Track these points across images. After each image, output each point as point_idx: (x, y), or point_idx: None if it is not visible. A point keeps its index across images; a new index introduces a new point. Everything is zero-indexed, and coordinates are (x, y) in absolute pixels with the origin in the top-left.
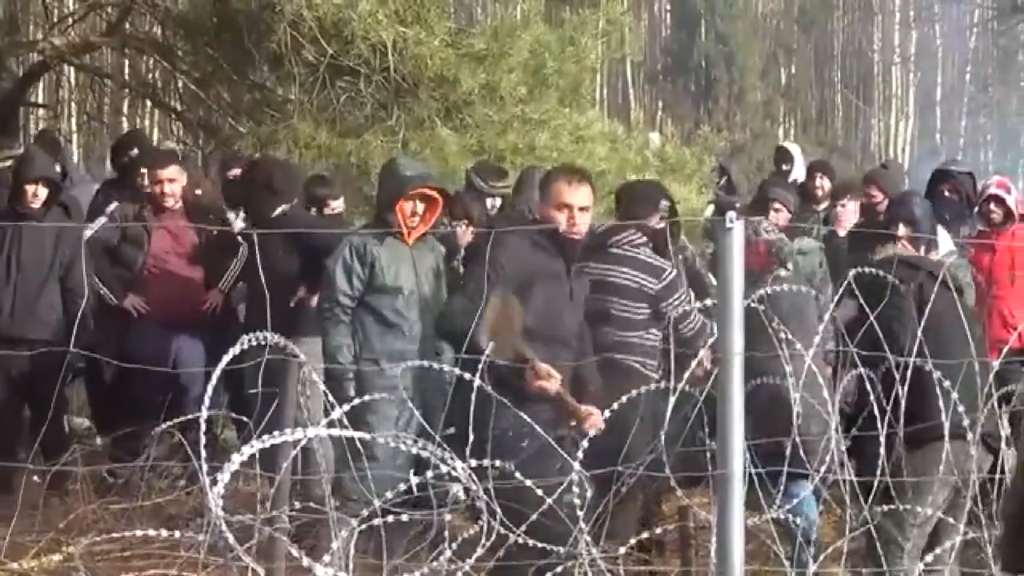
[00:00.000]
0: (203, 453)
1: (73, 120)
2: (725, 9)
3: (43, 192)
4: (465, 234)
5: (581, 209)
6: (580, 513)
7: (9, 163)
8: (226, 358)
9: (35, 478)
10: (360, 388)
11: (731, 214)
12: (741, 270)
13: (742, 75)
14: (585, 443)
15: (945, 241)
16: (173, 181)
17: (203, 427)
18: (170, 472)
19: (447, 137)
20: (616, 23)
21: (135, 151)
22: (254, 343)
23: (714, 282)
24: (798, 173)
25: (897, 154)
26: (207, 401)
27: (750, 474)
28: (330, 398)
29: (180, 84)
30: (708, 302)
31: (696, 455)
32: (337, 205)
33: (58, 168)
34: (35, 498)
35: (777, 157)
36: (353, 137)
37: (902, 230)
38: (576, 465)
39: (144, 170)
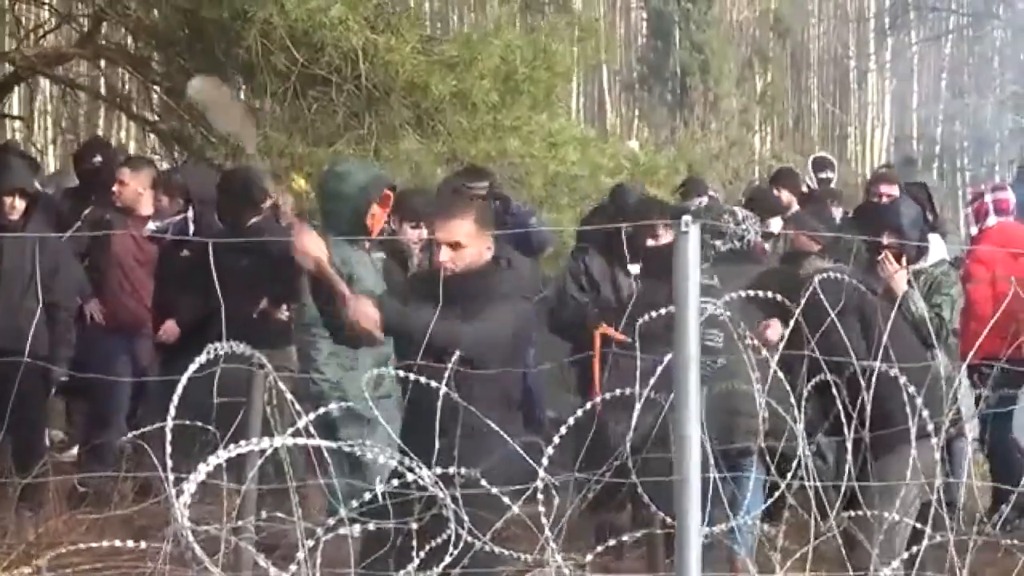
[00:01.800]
0: (168, 463)
1: (48, 132)
2: (700, 17)
3: (20, 203)
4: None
5: (450, 245)
6: (546, 521)
7: None
8: (192, 367)
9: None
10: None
11: (686, 218)
12: (697, 274)
13: (717, 83)
14: (550, 450)
15: (937, 249)
16: (124, 184)
17: (168, 436)
18: (144, 482)
19: (418, 145)
20: (589, 30)
21: (98, 158)
22: (220, 353)
23: None
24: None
25: (874, 160)
26: (172, 411)
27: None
28: (296, 407)
29: (153, 95)
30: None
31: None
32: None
33: None
34: (8, 511)
35: (816, 165)
36: (325, 146)
37: (886, 238)
38: (541, 472)
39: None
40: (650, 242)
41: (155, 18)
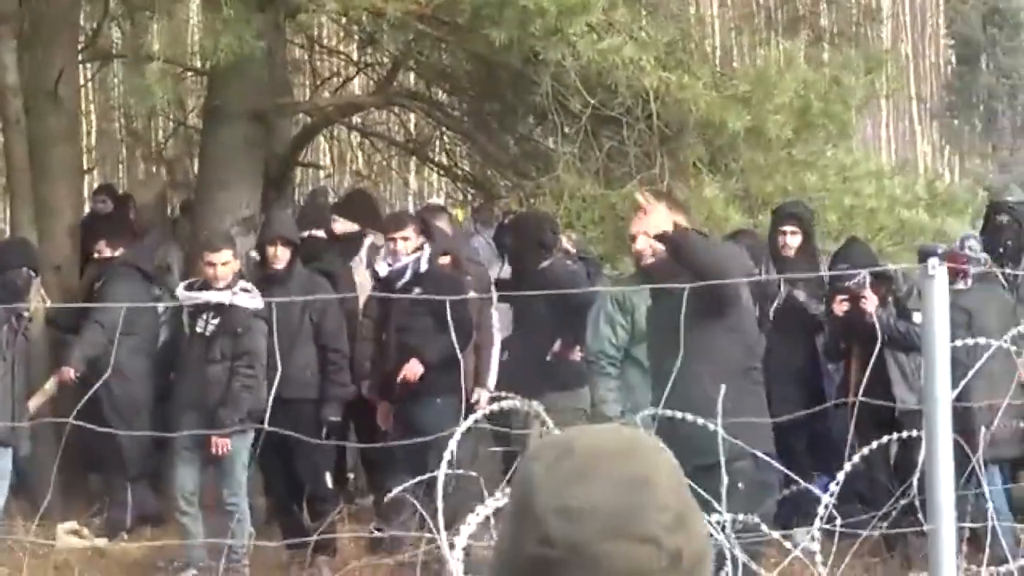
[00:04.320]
0: (441, 519)
1: (345, 179)
2: (1007, 43)
3: (284, 252)
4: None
5: (647, 233)
6: (819, 558)
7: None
8: (471, 419)
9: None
10: None
11: (933, 260)
12: (946, 316)
13: None
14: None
15: None
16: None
17: (440, 490)
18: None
19: (711, 183)
20: (878, 62)
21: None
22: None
23: None
24: None
25: None
26: (444, 464)
27: None
28: None
29: (446, 140)
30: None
31: None
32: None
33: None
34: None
35: None
36: (618, 187)
37: None
38: (818, 522)
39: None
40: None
41: (448, 64)
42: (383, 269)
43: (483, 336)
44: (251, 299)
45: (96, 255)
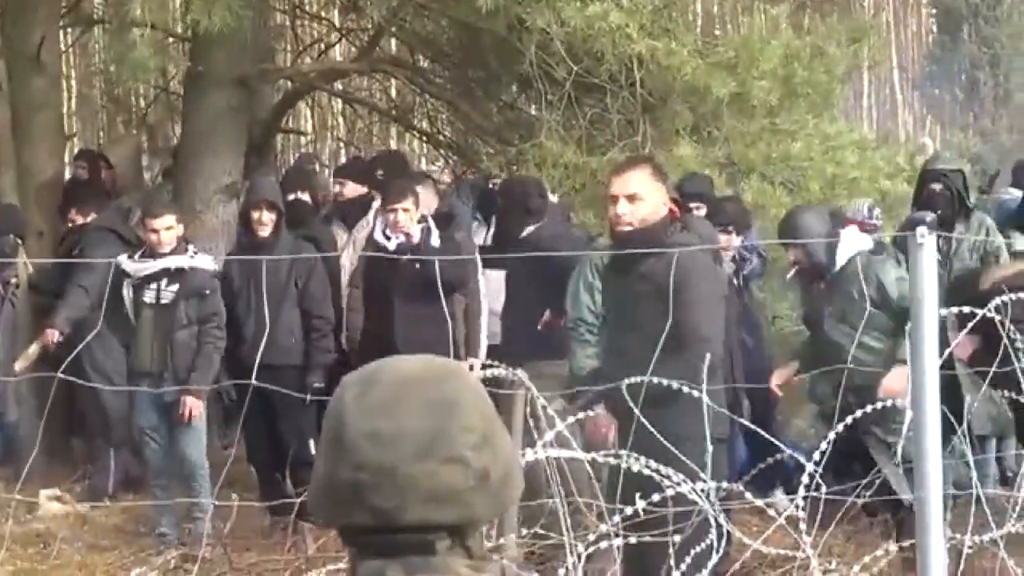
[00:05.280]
0: None
1: (328, 145)
2: (988, 12)
3: (269, 217)
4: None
5: (628, 197)
6: (803, 527)
7: None
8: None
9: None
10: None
11: (922, 229)
12: (935, 285)
13: (1007, 77)
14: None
15: None
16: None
17: None
18: None
19: (693, 151)
20: (863, 31)
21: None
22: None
23: None
24: None
25: None
26: None
27: None
28: (552, 415)
29: (428, 106)
30: None
31: None
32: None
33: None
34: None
35: None
36: (600, 154)
37: None
38: (802, 490)
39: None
40: None
41: (431, 31)
42: (390, 243)
43: (472, 304)
44: (209, 260)
45: (71, 223)
